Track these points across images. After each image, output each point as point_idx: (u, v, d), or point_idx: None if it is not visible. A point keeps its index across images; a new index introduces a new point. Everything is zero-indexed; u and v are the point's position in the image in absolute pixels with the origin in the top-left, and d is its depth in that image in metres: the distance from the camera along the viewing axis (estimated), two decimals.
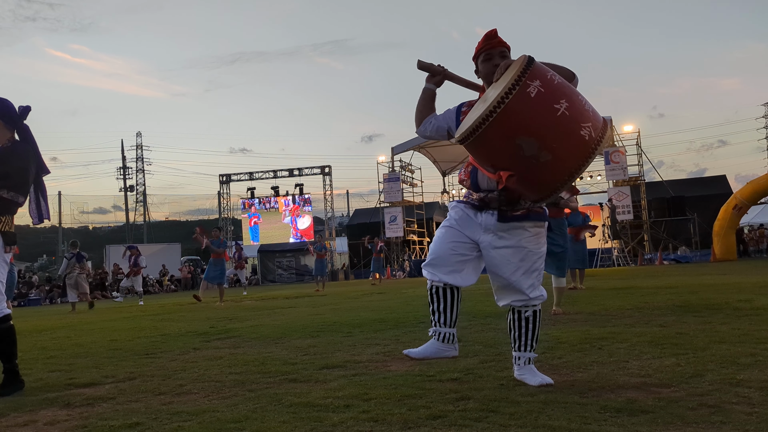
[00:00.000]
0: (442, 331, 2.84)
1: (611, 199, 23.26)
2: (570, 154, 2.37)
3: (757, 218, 28.41)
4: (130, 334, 6.28)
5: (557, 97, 2.35)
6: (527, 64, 2.38)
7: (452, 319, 2.84)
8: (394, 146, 27.81)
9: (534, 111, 2.33)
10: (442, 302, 2.84)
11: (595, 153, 2.41)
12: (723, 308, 5.32)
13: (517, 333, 2.83)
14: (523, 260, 2.74)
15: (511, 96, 2.31)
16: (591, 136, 2.36)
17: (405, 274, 25.97)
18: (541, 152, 2.34)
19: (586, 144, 2.36)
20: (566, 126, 2.34)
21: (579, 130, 2.35)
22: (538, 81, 2.34)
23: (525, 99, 2.32)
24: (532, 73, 2.35)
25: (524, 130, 2.35)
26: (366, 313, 7.28)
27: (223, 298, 12.02)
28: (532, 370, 2.80)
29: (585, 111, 2.40)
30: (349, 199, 43.40)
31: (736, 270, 12.78)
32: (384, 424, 2.23)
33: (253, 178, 32.45)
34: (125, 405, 2.82)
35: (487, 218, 2.75)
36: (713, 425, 2.01)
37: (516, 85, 2.32)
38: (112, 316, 10.26)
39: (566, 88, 2.42)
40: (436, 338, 2.86)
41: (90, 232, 68.00)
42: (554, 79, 2.40)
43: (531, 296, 2.77)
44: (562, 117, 2.33)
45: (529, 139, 2.34)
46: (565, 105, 2.34)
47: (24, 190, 3.44)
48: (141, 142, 50.57)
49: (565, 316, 5.52)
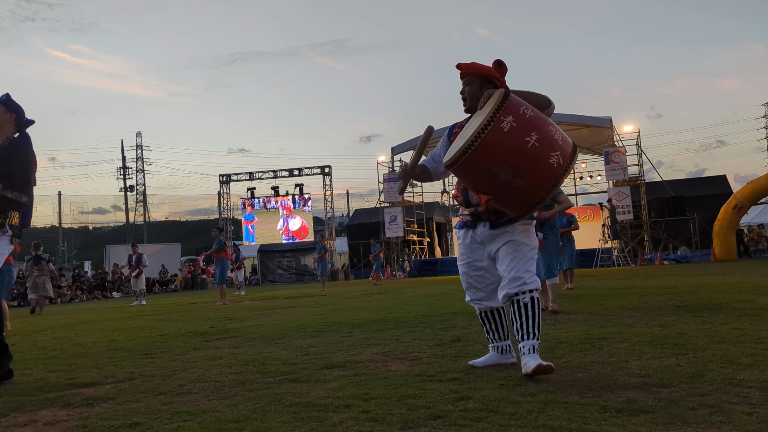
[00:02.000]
0: (499, 344, 3.30)
1: (611, 199, 23.26)
2: (540, 179, 2.72)
3: (757, 218, 28.40)
4: (130, 334, 6.28)
5: (528, 130, 2.68)
6: (502, 99, 2.71)
7: (504, 333, 3.30)
8: (394, 146, 27.80)
9: (507, 144, 2.67)
10: (491, 322, 3.30)
11: (565, 175, 2.75)
12: (723, 308, 5.32)
13: (519, 323, 2.96)
14: (516, 250, 3.02)
15: (486, 131, 2.66)
16: (559, 163, 2.70)
17: (405, 274, 25.96)
18: (514, 179, 2.70)
19: (555, 170, 2.70)
20: (536, 156, 2.68)
21: (548, 159, 2.69)
22: (510, 116, 2.68)
23: (499, 133, 2.66)
24: (506, 109, 2.69)
25: (499, 161, 2.70)
26: (366, 313, 7.28)
27: (224, 298, 12.07)
28: (535, 357, 2.89)
29: (554, 141, 2.73)
30: (349, 199, 43.41)
31: (736, 270, 12.77)
32: (384, 424, 2.23)
33: (253, 178, 32.43)
34: (125, 405, 2.82)
35: (482, 230, 3.13)
36: (713, 425, 2.01)
37: (491, 121, 2.66)
38: (112, 316, 10.26)
39: (537, 120, 2.74)
40: (496, 351, 3.30)
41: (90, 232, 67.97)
42: (526, 113, 2.73)
43: (526, 280, 2.96)
44: (533, 148, 2.66)
45: (504, 168, 2.69)
46: (535, 137, 2.67)
47: (26, 189, 3.47)
48: (141, 142, 50.60)
49: (565, 316, 5.52)
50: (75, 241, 47.21)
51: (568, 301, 6.91)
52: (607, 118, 24.04)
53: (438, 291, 11.26)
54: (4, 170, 3.36)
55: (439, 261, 27.20)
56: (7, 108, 3.58)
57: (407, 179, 3.20)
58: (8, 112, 3.58)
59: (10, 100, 3.63)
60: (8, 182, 3.35)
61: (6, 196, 3.34)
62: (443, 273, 24.63)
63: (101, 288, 25.12)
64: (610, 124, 24.10)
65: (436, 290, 11.58)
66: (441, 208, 32.77)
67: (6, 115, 3.57)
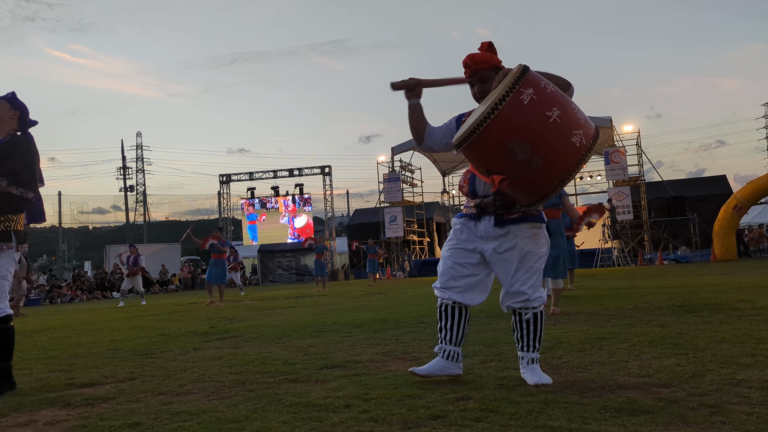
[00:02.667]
0: (448, 348, 2.92)
1: (610, 199, 23.25)
2: (560, 159, 2.47)
3: (757, 218, 28.41)
4: (130, 334, 6.28)
5: (549, 104, 2.45)
6: (522, 72, 2.47)
7: (458, 337, 2.93)
8: (394, 146, 27.78)
9: (526, 117, 2.43)
10: (450, 320, 2.92)
11: (586, 159, 2.52)
12: (723, 308, 5.32)
13: (519, 334, 2.87)
14: (523, 261, 2.79)
15: (504, 102, 2.41)
16: (582, 143, 2.47)
17: (405, 274, 25.96)
18: (532, 157, 2.45)
19: (577, 150, 2.47)
20: (557, 133, 2.44)
21: (570, 137, 2.45)
22: (531, 89, 2.44)
23: (518, 105, 2.42)
24: (525, 81, 2.45)
25: (517, 135, 2.44)
26: (366, 313, 7.28)
27: (223, 298, 12.08)
28: (533, 369, 2.81)
29: (576, 119, 2.49)
30: (349, 199, 43.27)
31: (736, 270, 12.77)
32: (384, 424, 2.23)
33: (253, 178, 32.42)
34: (125, 405, 2.82)
35: (486, 225, 2.84)
36: (713, 425, 2.01)
37: (509, 92, 2.42)
38: (112, 316, 10.26)
39: (559, 96, 2.51)
40: (442, 355, 2.94)
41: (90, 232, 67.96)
42: (547, 87, 2.49)
43: (531, 297, 2.80)
44: (554, 124, 2.43)
45: (522, 144, 2.44)
46: (557, 113, 2.44)
47: (32, 186, 3.40)
48: (141, 142, 50.58)
49: (565, 316, 5.52)
50: (75, 241, 47.20)
51: (568, 302, 6.91)
52: (607, 118, 24.03)
53: None
54: (7, 166, 3.31)
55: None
56: (11, 105, 3.57)
57: (409, 87, 2.95)
58: (12, 109, 3.56)
59: (15, 98, 3.63)
60: (12, 178, 3.30)
61: (11, 193, 3.30)
62: None
63: (101, 288, 25.13)
64: (610, 124, 24.09)
65: None
66: (441, 208, 32.76)
67: (10, 111, 3.55)
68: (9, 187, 3.28)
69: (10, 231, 3.38)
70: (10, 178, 3.30)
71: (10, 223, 3.38)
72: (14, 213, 3.40)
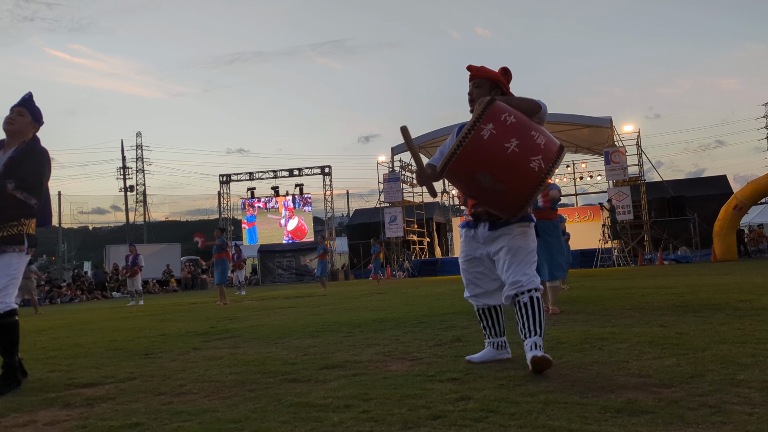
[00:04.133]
0: (495, 340, 3.40)
1: (610, 199, 23.25)
2: (521, 183, 2.85)
3: (758, 218, 28.41)
4: (130, 334, 6.28)
5: (508, 137, 2.80)
6: (483, 109, 2.84)
7: (500, 329, 3.39)
8: (394, 146, 27.78)
9: (486, 150, 2.81)
10: (489, 319, 3.39)
11: (546, 179, 2.85)
12: (723, 308, 5.32)
13: (521, 323, 3.06)
14: (515, 255, 3.09)
15: (468, 139, 2.80)
16: (540, 167, 2.81)
17: (405, 274, 25.95)
18: (495, 183, 2.84)
19: (536, 174, 2.82)
20: (516, 161, 2.80)
21: (528, 164, 2.80)
22: (491, 124, 2.81)
23: (479, 141, 2.80)
24: (487, 117, 2.82)
25: (479, 167, 2.84)
26: (366, 313, 7.28)
27: (225, 299, 12.08)
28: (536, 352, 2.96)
29: (535, 145, 2.84)
30: (349, 199, 43.29)
31: (736, 270, 12.77)
32: (384, 424, 2.23)
33: (253, 179, 32.41)
34: (125, 405, 2.82)
35: (483, 231, 3.20)
36: (713, 425, 2.01)
37: (472, 129, 2.81)
38: (112, 316, 10.26)
39: (519, 127, 2.85)
40: (492, 347, 3.40)
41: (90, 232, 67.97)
42: (507, 120, 2.84)
43: (523, 282, 3.05)
44: (512, 154, 2.79)
45: (484, 174, 2.84)
46: (515, 143, 2.79)
47: (37, 193, 3.52)
48: (141, 142, 50.53)
49: (565, 316, 5.52)
50: (75, 241, 47.18)
51: (569, 302, 6.90)
52: (607, 118, 24.02)
53: (438, 291, 11.25)
54: (18, 173, 3.42)
55: (439, 261, 27.18)
56: (33, 119, 3.70)
57: (428, 183, 3.19)
58: (33, 122, 3.70)
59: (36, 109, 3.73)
60: (19, 183, 3.40)
61: (16, 196, 3.38)
62: (443, 273, 24.62)
63: (101, 288, 25.14)
64: (610, 124, 24.08)
65: (436, 290, 11.58)
66: (441, 208, 32.75)
67: (31, 125, 3.69)
68: (15, 190, 3.38)
69: (23, 234, 3.50)
70: (17, 182, 3.39)
71: (23, 227, 3.49)
72: (27, 217, 3.52)
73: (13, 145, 3.57)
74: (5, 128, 3.59)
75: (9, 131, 3.59)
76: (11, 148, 3.56)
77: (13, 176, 3.40)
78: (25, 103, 3.67)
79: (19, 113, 3.61)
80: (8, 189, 3.34)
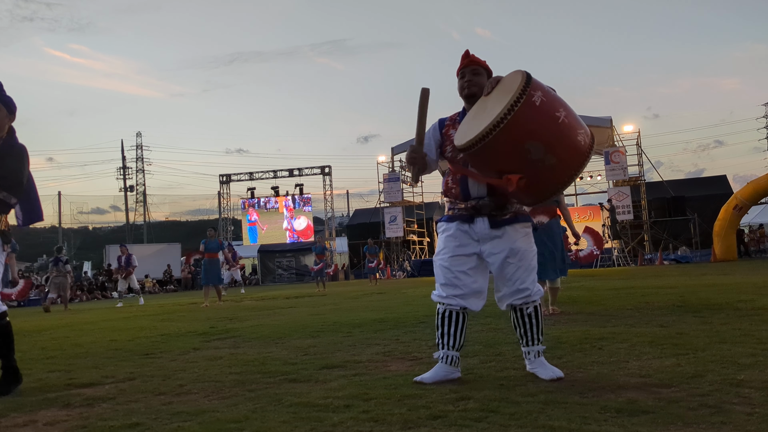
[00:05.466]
0: (451, 354, 2.95)
1: (610, 199, 23.25)
2: (571, 157, 2.63)
3: (758, 218, 28.36)
4: (130, 334, 6.27)
5: (556, 106, 2.60)
6: (528, 77, 2.61)
7: (461, 342, 2.97)
8: (394, 146, 27.80)
9: (540, 118, 2.57)
10: (452, 326, 2.95)
11: (590, 157, 2.70)
12: (723, 308, 5.32)
13: (522, 330, 2.97)
14: (522, 259, 2.91)
15: (519, 104, 2.53)
16: (585, 142, 2.65)
17: (405, 274, 25.95)
18: (546, 155, 2.58)
19: (583, 148, 2.64)
20: (567, 132, 2.60)
21: (576, 136, 2.62)
22: (539, 92, 2.58)
23: (532, 107, 2.55)
24: (533, 84, 2.58)
25: (532, 136, 2.57)
26: (366, 313, 7.28)
27: (221, 297, 12.09)
28: (543, 363, 2.92)
29: (578, 119, 2.68)
30: (349, 199, 43.39)
31: (736, 270, 12.77)
32: (384, 424, 2.23)
33: (253, 179, 32.42)
34: (125, 405, 2.81)
35: (481, 226, 2.92)
36: (713, 425, 2.00)
37: (522, 95, 2.54)
38: (112, 316, 10.26)
39: (561, 99, 2.68)
40: (444, 361, 2.95)
41: (90, 233, 68.04)
42: (550, 90, 2.67)
43: (532, 291, 2.93)
44: (563, 124, 2.59)
45: (537, 144, 2.57)
46: (563, 113, 2.60)
47: (17, 191, 3.42)
48: (141, 142, 50.58)
49: (565, 316, 5.52)
50: (75, 241, 47.21)
51: (569, 302, 6.90)
52: (607, 118, 24.04)
53: None
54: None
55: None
56: (8, 110, 3.53)
57: (419, 159, 2.92)
58: (9, 115, 3.53)
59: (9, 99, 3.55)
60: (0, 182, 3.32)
61: None
62: None
63: (102, 288, 25.14)
64: (610, 124, 24.09)
65: None
66: (441, 208, 32.73)
67: (7, 118, 3.53)
68: None
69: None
70: None
71: None
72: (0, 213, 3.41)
73: None
74: None
75: None
76: None
77: None
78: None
79: None
80: None
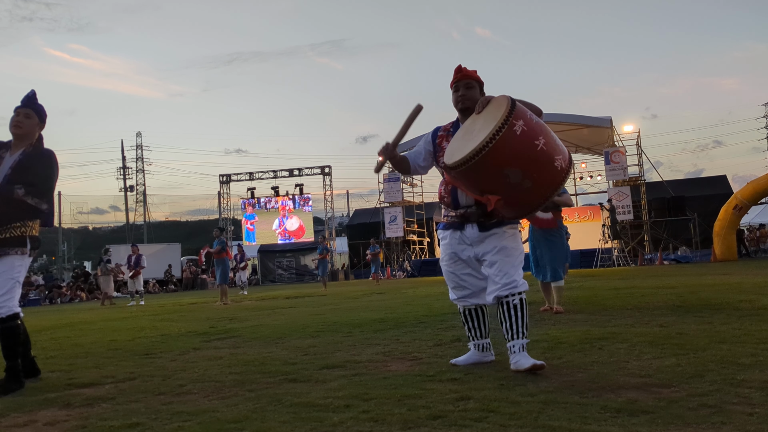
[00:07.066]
0: (480, 342, 3.40)
1: (610, 199, 23.24)
2: (547, 181, 2.88)
3: (758, 218, 28.37)
4: (130, 334, 6.28)
5: (536, 134, 2.82)
6: (512, 105, 2.81)
7: (485, 331, 3.40)
8: None
9: (519, 146, 2.79)
10: (474, 320, 3.41)
11: (566, 180, 2.93)
12: (723, 308, 5.32)
13: (508, 323, 3.08)
14: (508, 255, 3.12)
15: (501, 133, 2.75)
16: (562, 167, 2.87)
17: (405, 274, 25.95)
18: (524, 180, 2.83)
19: (559, 173, 2.87)
20: (544, 159, 2.83)
21: (553, 162, 2.85)
22: (521, 121, 2.80)
23: (512, 137, 2.77)
24: (516, 113, 2.80)
25: (511, 163, 2.81)
26: (366, 313, 7.28)
27: (227, 298, 12.08)
28: (525, 356, 3.02)
29: (557, 145, 2.89)
30: (349, 199, 43.29)
31: (736, 270, 12.76)
32: (384, 424, 2.23)
33: (253, 179, 32.40)
34: (125, 405, 2.82)
35: (471, 232, 3.20)
36: (713, 425, 2.01)
37: (505, 124, 2.76)
38: (112, 316, 10.26)
39: (542, 126, 2.89)
40: (476, 349, 3.39)
41: (90, 233, 68.01)
42: (532, 119, 2.86)
43: (518, 282, 3.08)
44: (541, 151, 2.81)
45: (515, 170, 2.82)
46: (542, 141, 2.82)
47: (47, 198, 3.53)
48: (141, 142, 50.49)
49: (565, 316, 5.52)
50: (75, 241, 47.20)
51: (569, 302, 6.90)
52: (607, 118, 24.01)
53: (438, 291, 11.24)
54: (28, 177, 3.41)
55: (439, 261, 27.14)
56: (40, 119, 3.67)
57: (387, 157, 3.20)
58: (40, 123, 3.66)
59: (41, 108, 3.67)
60: (29, 188, 3.39)
61: (26, 202, 3.37)
62: None
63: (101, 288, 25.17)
64: (610, 124, 24.08)
65: (436, 290, 11.57)
66: (441, 208, 32.67)
67: (38, 126, 3.65)
68: (25, 196, 3.38)
69: (26, 237, 3.49)
70: (27, 188, 3.38)
71: (26, 229, 3.49)
72: (31, 219, 3.52)
73: (20, 147, 3.53)
74: (13, 131, 3.56)
75: (17, 135, 3.55)
76: (18, 150, 3.52)
77: (22, 181, 3.37)
78: (30, 104, 3.62)
79: (26, 115, 3.57)
80: (18, 195, 3.34)
